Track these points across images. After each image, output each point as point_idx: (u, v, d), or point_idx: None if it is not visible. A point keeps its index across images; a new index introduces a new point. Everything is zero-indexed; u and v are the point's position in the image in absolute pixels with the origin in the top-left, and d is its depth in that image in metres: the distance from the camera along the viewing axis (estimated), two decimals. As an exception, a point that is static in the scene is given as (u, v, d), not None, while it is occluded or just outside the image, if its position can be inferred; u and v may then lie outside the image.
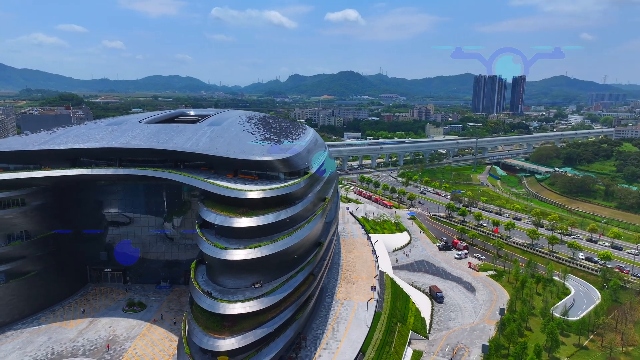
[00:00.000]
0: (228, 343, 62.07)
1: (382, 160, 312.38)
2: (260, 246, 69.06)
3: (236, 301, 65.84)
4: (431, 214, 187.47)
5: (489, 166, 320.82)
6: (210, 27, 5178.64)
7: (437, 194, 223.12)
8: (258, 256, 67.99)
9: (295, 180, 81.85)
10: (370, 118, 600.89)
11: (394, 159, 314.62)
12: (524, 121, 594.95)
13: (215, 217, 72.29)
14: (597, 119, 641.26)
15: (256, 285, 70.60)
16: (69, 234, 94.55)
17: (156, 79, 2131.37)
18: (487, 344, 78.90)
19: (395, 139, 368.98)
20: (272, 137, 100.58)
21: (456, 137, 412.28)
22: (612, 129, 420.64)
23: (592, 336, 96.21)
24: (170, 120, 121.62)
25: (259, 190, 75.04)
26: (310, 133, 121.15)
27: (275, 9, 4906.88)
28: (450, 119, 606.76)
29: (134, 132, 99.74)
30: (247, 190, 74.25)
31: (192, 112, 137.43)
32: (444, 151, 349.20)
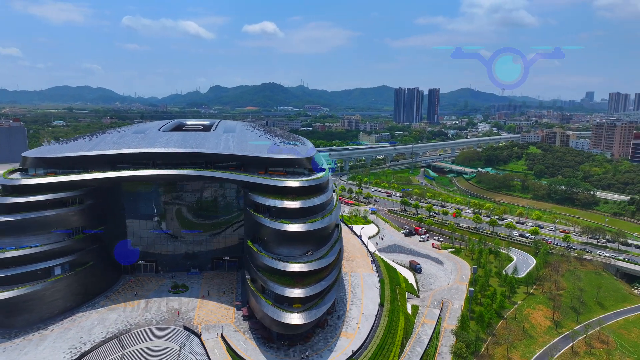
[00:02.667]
0: (304, 291, 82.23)
1: (329, 166, 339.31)
2: (314, 221, 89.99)
3: (303, 262, 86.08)
4: (389, 208, 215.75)
5: (423, 169, 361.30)
6: (122, 36, 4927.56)
7: (387, 193, 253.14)
8: (316, 228, 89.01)
9: (323, 173, 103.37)
10: (304, 128, 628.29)
11: (339, 165, 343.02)
12: (443, 129, 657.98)
13: (273, 202, 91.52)
14: (502, 127, 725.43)
15: (308, 253, 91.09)
16: (107, 230, 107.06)
17: (64, 89, 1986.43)
18: (472, 289, 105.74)
19: (338, 147, 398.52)
20: (286, 141, 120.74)
21: (387, 144, 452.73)
22: (519, 135, 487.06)
23: (535, 286, 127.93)
24: (179, 128, 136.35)
25: (306, 180, 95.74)
26: (306, 139, 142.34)
27: (191, 19, 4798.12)
28: (377, 129, 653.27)
29: (163, 139, 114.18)
30: (300, 181, 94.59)
31: (189, 122, 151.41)
32: (381, 157, 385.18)
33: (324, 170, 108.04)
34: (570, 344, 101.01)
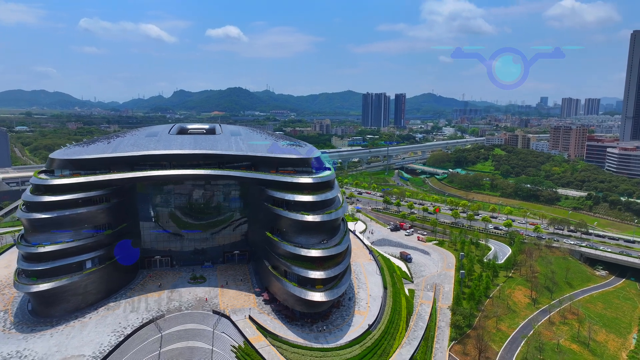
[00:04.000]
0: (325, 273, 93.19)
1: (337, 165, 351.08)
2: (330, 212, 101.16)
3: (322, 248, 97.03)
4: (372, 207, 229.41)
5: (396, 171, 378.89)
6: (79, 39, 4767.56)
7: (367, 192, 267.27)
8: (331, 218, 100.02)
9: (329, 172, 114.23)
10: (276, 133, 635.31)
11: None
12: (411, 133, 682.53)
13: (292, 196, 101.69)
14: (466, 130, 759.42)
15: (323, 242, 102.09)
16: (128, 227, 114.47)
17: (17, 93, 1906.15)
18: (463, 272, 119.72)
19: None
20: (290, 143, 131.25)
21: (360, 147, 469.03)
22: (483, 138, 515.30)
23: (513, 271, 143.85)
24: (184, 131, 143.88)
25: (317, 177, 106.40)
26: (305, 142, 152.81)
27: (152, 22, 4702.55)
28: (348, 133, 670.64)
29: (176, 141, 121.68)
30: (313, 177, 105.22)
31: (190, 126, 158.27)
32: (356, 159, 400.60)
33: (329, 169, 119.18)
34: (548, 316, 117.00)
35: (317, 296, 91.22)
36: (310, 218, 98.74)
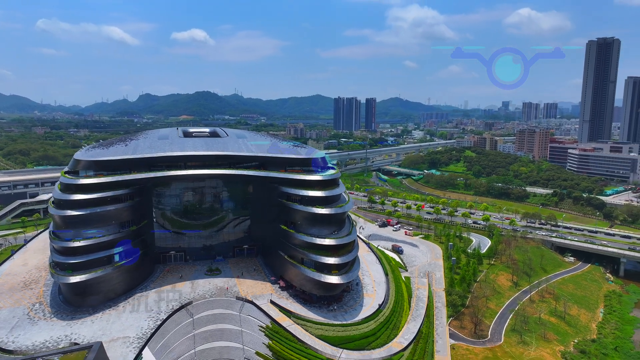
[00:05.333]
0: (340, 260, 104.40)
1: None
2: (341, 206, 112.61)
3: (335, 238, 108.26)
4: (358, 206, 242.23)
5: (374, 172, 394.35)
6: (36, 40, 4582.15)
7: (351, 193, 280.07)
8: (342, 211, 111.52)
9: (334, 171, 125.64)
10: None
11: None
12: (383, 137, 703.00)
13: (306, 192, 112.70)
14: (435, 134, 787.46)
15: (334, 232, 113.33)
16: (147, 224, 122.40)
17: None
18: (455, 259, 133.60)
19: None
20: (293, 144, 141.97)
21: (335, 150, 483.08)
22: (453, 141, 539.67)
23: (494, 259, 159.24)
24: (190, 135, 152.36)
25: (326, 175, 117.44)
26: (304, 144, 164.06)
27: (115, 24, 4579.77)
28: (322, 136, 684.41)
29: (188, 143, 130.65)
30: (322, 175, 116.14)
31: (192, 129, 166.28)
32: (335, 162, 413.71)
33: (333, 168, 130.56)
34: (528, 295, 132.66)
35: (334, 279, 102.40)
36: (324, 211, 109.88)
